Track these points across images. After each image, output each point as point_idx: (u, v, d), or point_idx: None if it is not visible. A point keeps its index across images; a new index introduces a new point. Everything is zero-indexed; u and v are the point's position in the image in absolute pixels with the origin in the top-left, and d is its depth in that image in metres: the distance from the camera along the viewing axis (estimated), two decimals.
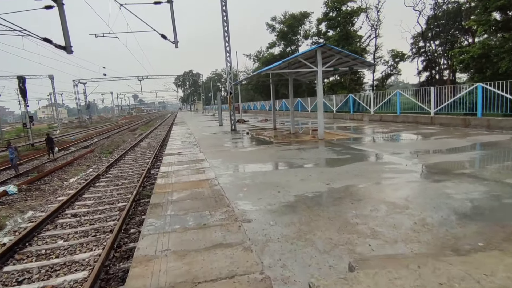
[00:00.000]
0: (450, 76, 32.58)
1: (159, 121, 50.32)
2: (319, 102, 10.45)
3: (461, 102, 11.99)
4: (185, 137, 14.53)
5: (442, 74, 35.01)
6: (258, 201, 4.50)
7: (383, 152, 7.72)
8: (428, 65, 36.32)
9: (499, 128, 10.20)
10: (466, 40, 30.46)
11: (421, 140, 9.39)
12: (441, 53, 34.51)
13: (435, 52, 34.87)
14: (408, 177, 5.32)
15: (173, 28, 14.67)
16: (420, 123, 13.30)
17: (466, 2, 30.14)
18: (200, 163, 7.65)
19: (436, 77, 35.50)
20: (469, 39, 31.42)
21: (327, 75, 12.90)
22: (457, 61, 20.85)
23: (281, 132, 14.07)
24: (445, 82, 31.32)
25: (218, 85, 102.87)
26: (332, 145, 9.33)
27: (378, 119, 16.01)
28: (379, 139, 10.37)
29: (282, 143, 10.31)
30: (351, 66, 10.80)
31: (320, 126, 10.57)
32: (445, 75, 34.59)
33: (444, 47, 33.76)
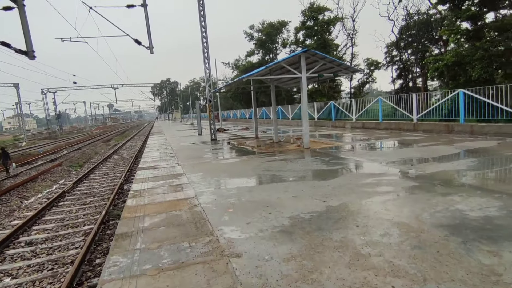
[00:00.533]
0: (423, 84, 33.53)
1: (135, 130, 48.46)
2: (304, 109, 9.95)
3: (443, 109, 11.92)
4: (162, 148, 13.58)
5: (415, 81, 35.99)
6: (247, 226, 3.80)
7: (375, 161, 7.25)
8: (401, 73, 37.36)
9: (482, 134, 10.11)
10: (438, 49, 31.51)
11: (409, 148, 9.06)
12: (413, 61, 35.56)
13: (408, 60, 35.91)
14: (411, 190, 4.81)
15: (147, 33, 13.82)
16: (403, 129, 13.14)
17: (436, 14, 31.27)
18: (178, 178, 6.84)
19: (409, 84, 36.53)
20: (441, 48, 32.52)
21: (311, 82, 12.51)
22: (432, 69, 21.29)
23: (263, 141, 13.45)
24: (419, 89, 32.16)
25: (196, 94, 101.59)
26: (319, 154, 8.80)
27: (361, 126, 15.79)
28: (366, 147, 9.98)
29: (266, 153, 9.67)
30: (335, 72, 10.41)
31: (305, 134, 10.04)
32: (418, 82, 35.61)
33: (416, 56, 34.82)
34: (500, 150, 7.72)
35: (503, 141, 9.00)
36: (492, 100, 10.00)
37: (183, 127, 34.05)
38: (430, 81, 35.27)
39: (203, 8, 14.70)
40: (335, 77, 10.42)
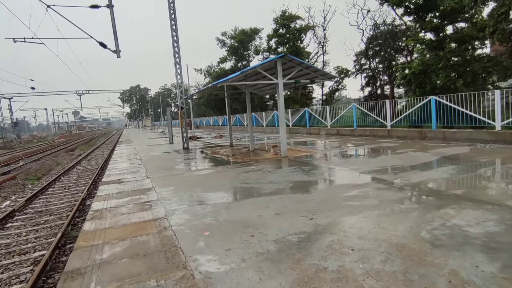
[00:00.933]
0: (391, 91, 34.77)
1: (103, 139, 46.00)
2: (281, 116, 9.56)
3: (415, 115, 12.08)
4: (130, 158, 12.61)
5: (383, 89, 37.25)
6: (227, 254, 3.23)
7: (357, 170, 6.96)
8: (369, 81, 38.60)
9: (454, 139, 10.28)
10: (405, 57, 32.87)
11: (389, 155, 8.93)
12: (381, 69, 36.87)
13: (376, 69, 37.18)
14: (401, 203, 4.49)
15: (114, 36, 12.90)
16: (378, 136, 13.18)
17: (401, 25, 32.66)
18: (146, 194, 6.11)
19: (378, 92, 37.80)
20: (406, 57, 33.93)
21: (287, 88, 12.20)
22: (400, 76, 21.98)
23: (239, 149, 12.91)
24: (387, 96, 33.28)
25: (167, 100, 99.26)
26: (298, 163, 8.41)
27: (335, 133, 15.74)
28: (345, 155, 9.76)
29: (242, 163, 9.13)
30: (312, 78, 10.16)
31: (282, 142, 9.65)
32: (386, 90, 36.91)
33: (383, 64, 36.14)
34: (474, 156, 7.76)
35: (474, 146, 9.14)
36: (462, 107, 10.22)
37: (154, 135, 32.68)
38: (397, 89, 36.70)
39: (174, 11, 14.03)
40: (311, 83, 10.17)
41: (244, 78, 10.20)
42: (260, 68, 9.27)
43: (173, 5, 14.06)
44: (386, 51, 35.21)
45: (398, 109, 13.56)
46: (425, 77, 20.63)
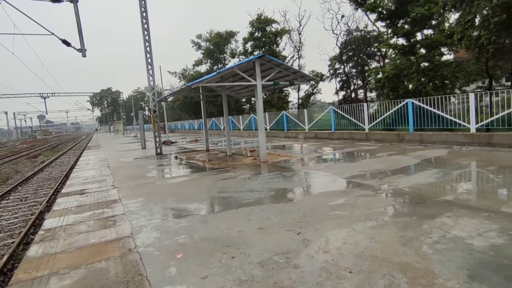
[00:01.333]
0: (364, 95, 35.54)
1: (70, 144, 43.39)
2: (260, 119, 9.11)
3: (391, 118, 12.08)
4: (98, 165, 11.62)
5: (357, 93, 38.05)
6: (203, 283, 2.68)
7: (341, 175, 6.62)
8: (343, 85, 39.36)
9: (430, 142, 10.31)
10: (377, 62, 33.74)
11: (369, 159, 8.72)
12: (354, 74, 37.67)
13: (349, 73, 37.96)
14: (393, 212, 4.15)
15: (78, 33, 11.89)
16: (356, 139, 13.09)
17: (372, 31, 33.56)
18: (110, 207, 5.40)
19: (351, 95, 38.59)
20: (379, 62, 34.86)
21: (267, 90, 11.78)
22: (374, 80, 22.37)
23: (215, 154, 12.31)
24: (360, 100, 33.97)
25: (141, 104, 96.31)
26: (279, 169, 7.98)
27: (313, 136, 15.55)
28: (326, 158, 9.46)
29: (220, 169, 8.56)
30: (291, 80, 9.81)
31: (261, 147, 9.19)
32: (359, 93, 37.73)
33: (357, 69, 36.93)
34: (454, 158, 7.69)
35: (451, 149, 9.15)
36: (438, 110, 10.30)
37: (126, 139, 31.18)
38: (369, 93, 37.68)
39: (145, 9, 13.25)
40: (291, 85, 9.84)
41: (221, 79, 9.67)
42: (237, 69, 8.77)
43: (144, 2, 13.28)
44: (359, 56, 36.04)
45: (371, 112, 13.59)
46: (398, 81, 21.11)
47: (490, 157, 7.54)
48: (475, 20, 14.94)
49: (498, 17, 13.86)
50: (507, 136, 8.49)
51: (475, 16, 14.90)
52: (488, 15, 14.26)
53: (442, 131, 10.27)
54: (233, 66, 8.45)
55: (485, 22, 14.32)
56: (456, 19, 17.27)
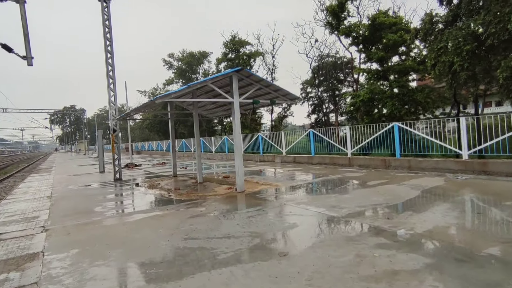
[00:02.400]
0: (336, 119, 35.70)
1: (23, 165, 38.92)
2: (237, 142, 7.76)
3: (377, 142, 11.29)
4: (38, 195, 9.50)
5: (328, 116, 38.22)
6: None
7: (337, 212, 5.36)
8: (315, 109, 39.54)
9: (420, 169, 9.50)
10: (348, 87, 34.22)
11: (361, 189, 7.60)
12: (326, 98, 38.01)
13: (321, 97, 38.26)
14: (438, 277, 2.88)
15: (24, 39, 10.06)
16: (338, 164, 12.10)
17: (343, 57, 34.28)
18: (22, 267, 3.65)
19: (323, 119, 38.73)
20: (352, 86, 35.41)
21: (244, 110, 10.53)
22: (349, 104, 22.13)
23: (184, 181, 10.67)
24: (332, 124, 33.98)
25: (107, 123, 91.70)
26: (260, 202, 6.58)
27: (292, 160, 14.42)
28: (312, 188, 8.22)
29: (188, 202, 6.99)
30: (272, 98, 8.67)
31: (239, 174, 7.78)
32: (331, 117, 37.92)
33: (328, 93, 37.29)
34: (456, 189, 6.77)
35: (445, 177, 8.33)
36: (427, 134, 9.62)
37: (86, 161, 28.30)
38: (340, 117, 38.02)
39: (108, 16, 11.76)
40: (272, 104, 8.68)
41: (192, 95, 8.30)
42: (211, 83, 7.46)
43: (107, 10, 11.81)
44: (329, 81, 36.54)
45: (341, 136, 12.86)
46: (372, 105, 20.95)
47: (496, 188, 6.70)
48: (447, 47, 15.04)
49: (469, 45, 13.94)
50: (503, 163, 7.82)
51: (447, 44, 15.00)
52: (460, 43, 14.36)
53: (431, 157, 9.54)
54: (206, 79, 7.13)
55: (458, 50, 14.38)
56: (427, 46, 17.52)
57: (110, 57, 12.00)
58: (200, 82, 6.92)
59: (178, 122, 42.08)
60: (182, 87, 6.71)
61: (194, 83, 6.81)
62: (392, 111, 18.77)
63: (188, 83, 29.72)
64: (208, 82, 7.37)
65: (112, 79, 12.04)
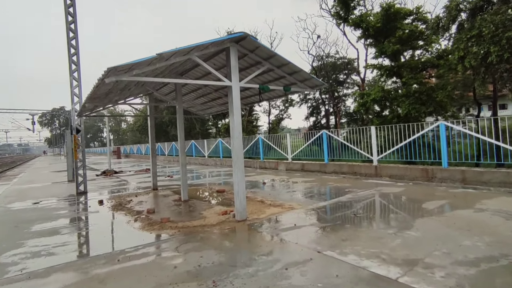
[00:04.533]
0: (338, 121, 33.30)
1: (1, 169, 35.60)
2: (237, 146, 5.10)
3: (411, 147, 8.75)
4: None
5: (328, 119, 35.80)
6: None
7: (424, 278, 2.73)
8: (313, 111, 37.22)
9: (481, 183, 6.95)
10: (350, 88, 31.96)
11: (426, 219, 4.97)
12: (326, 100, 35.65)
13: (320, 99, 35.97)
14: None
15: None
16: (360, 174, 9.50)
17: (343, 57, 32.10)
18: None
19: (321, 122, 36.35)
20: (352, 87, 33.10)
21: (245, 103, 7.85)
22: (358, 104, 19.66)
23: (164, 198, 7.96)
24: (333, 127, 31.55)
25: (99, 125, 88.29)
26: (274, 245, 3.92)
27: (299, 168, 11.79)
28: (347, 214, 5.58)
29: (158, 244, 4.30)
30: (288, 85, 6.06)
31: (239, 195, 5.10)
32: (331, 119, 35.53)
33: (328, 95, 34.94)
34: None
35: None
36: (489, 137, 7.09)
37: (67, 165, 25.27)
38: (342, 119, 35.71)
39: None
40: (286, 93, 6.03)
41: (168, 71, 5.62)
42: (196, 53, 4.80)
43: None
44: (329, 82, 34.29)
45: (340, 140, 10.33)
46: (385, 105, 18.49)
47: None
48: (481, 35, 12.58)
49: (511, 32, 11.51)
50: None
51: (481, 31, 12.55)
52: (498, 29, 11.90)
53: (498, 168, 7.01)
54: (188, 47, 4.44)
55: (495, 37, 11.93)
56: (453, 36, 15.13)
57: (74, 38, 9.28)
58: (180, 49, 4.28)
59: (170, 124, 39.20)
60: (148, 57, 4.06)
61: (168, 51, 4.18)
62: (409, 111, 16.31)
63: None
64: (193, 52, 4.70)
65: (76, 66, 9.31)
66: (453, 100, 17.93)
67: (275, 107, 38.96)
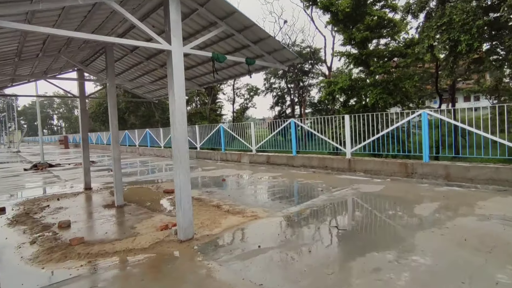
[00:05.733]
0: (301, 111, 32.66)
1: None
2: (179, 135, 3.56)
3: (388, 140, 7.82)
4: None
5: (294, 109, 35.09)
6: None
7: None
8: (279, 100, 36.43)
9: (466, 179, 6.13)
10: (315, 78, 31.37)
11: (427, 232, 3.87)
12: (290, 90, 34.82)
13: (285, 88, 35.17)
14: None
15: None
16: (333, 168, 8.42)
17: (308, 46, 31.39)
18: None
19: (287, 112, 35.61)
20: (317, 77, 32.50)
21: (200, 83, 6.19)
22: (325, 92, 18.78)
23: (94, 202, 6.19)
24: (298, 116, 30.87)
25: (48, 112, 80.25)
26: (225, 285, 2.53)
27: (265, 160, 10.48)
28: (329, 224, 4.31)
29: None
30: (252, 57, 4.58)
31: (183, 204, 3.59)
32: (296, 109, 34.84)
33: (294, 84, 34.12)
34: None
35: None
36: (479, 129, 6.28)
37: None
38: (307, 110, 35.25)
39: None
40: (250, 71, 4.51)
41: (85, 30, 3.86)
42: None
43: None
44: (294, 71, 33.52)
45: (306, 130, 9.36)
46: (352, 94, 17.78)
47: None
48: (451, 23, 12.03)
49: (481, 20, 11.04)
50: None
51: (452, 20, 11.98)
52: (469, 17, 11.38)
53: (485, 163, 6.23)
54: None
55: (466, 25, 11.41)
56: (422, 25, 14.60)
57: None
58: None
59: (127, 111, 35.94)
60: None
61: None
62: (376, 101, 15.71)
63: None
64: None
65: None
66: (419, 91, 17.75)
67: (239, 95, 37.41)
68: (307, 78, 34.61)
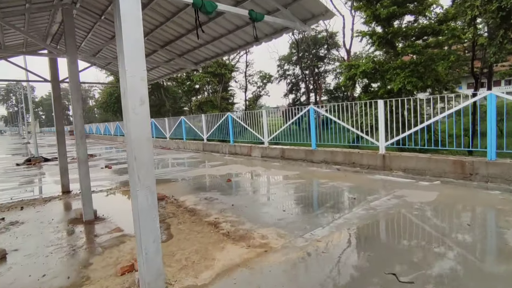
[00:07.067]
0: (319, 98, 30.71)
1: None
2: (134, 124, 2.08)
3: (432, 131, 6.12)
4: None
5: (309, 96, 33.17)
6: None
7: None
8: (293, 88, 34.69)
9: None
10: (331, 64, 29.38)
11: None
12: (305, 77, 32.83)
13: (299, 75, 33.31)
14: None
15: None
16: (362, 165, 6.82)
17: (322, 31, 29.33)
18: None
19: (301, 99, 33.79)
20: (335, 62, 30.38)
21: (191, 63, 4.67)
22: (345, 77, 16.90)
23: (61, 214, 4.88)
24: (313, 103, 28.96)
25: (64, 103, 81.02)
26: None
27: (279, 155, 8.96)
28: (370, 271, 2.81)
29: None
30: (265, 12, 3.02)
31: (145, 249, 2.15)
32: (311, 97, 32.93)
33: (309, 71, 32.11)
34: None
35: None
36: None
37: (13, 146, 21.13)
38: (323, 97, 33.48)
39: None
40: (255, 31, 2.90)
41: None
42: None
43: None
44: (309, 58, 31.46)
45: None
46: (375, 78, 15.78)
47: None
48: None
49: None
50: None
51: None
52: None
53: None
54: None
55: None
56: None
57: None
58: None
59: None
60: None
61: None
62: (404, 86, 13.74)
63: None
64: None
65: None
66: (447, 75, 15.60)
67: (252, 83, 35.72)
68: (322, 64, 32.58)
